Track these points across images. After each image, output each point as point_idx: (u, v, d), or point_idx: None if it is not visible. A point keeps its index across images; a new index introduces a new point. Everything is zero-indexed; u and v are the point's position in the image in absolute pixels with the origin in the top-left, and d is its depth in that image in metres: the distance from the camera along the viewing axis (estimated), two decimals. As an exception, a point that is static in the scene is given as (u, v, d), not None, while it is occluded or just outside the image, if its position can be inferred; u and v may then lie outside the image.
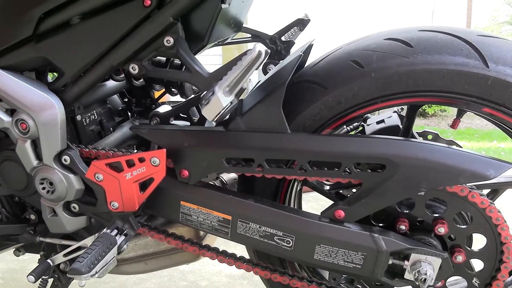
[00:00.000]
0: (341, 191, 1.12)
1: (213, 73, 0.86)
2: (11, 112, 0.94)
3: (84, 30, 0.91)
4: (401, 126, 1.12)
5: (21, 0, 0.91)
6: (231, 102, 0.82)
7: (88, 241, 1.01)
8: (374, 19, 6.96)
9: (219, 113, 0.82)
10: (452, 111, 7.41)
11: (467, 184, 0.86)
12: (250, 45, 0.96)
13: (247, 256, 1.04)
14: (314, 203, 2.62)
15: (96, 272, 0.86)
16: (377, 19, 6.94)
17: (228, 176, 1.23)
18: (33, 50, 0.93)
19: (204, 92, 0.86)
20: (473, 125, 6.88)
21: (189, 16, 0.92)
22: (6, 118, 0.94)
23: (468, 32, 0.87)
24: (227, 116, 0.88)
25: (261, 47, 0.79)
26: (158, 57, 1.28)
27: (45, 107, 0.92)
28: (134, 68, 0.92)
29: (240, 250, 1.07)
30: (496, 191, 1.10)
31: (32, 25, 0.91)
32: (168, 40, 0.88)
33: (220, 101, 0.81)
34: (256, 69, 0.82)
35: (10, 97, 0.92)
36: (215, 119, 0.83)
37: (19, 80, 0.93)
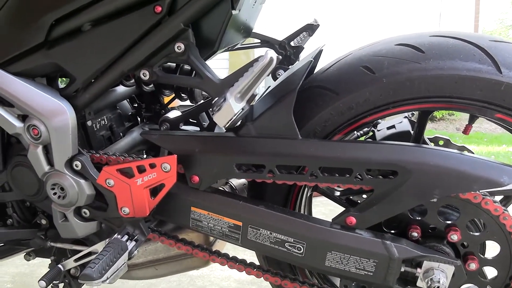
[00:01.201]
0: (351, 197, 1.11)
1: (224, 79, 0.86)
2: (23, 118, 0.95)
3: (95, 36, 0.92)
4: (412, 132, 1.11)
5: (33, 7, 0.91)
6: (242, 109, 0.82)
7: (98, 247, 1.01)
8: (381, 23, 6.94)
9: (231, 119, 0.82)
10: (461, 115, 7.36)
11: (480, 191, 0.85)
12: (257, 51, 0.96)
13: (257, 262, 1.03)
14: (323, 207, 2.61)
15: (108, 278, 0.86)
16: (384, 23, 6.92)
17: (238, 182, 1.23)
18: (44, 56, 0.94)
19: (216, 99, 0.86)
20: (482, 129, 6.83)
21: (200, 22, 0.92)
22: (18, 124, 0.94)
23: (480, 37, 0.87)
24: (238, 122, 0.88)
25: (272, 54, 0.79)
26: (168, 63, 1.29)
27: (56, 113, 0.92)
28: (145, 74, 0.92)
29: (249, 255, 1.06)
30: (509, 197, 1.09)
31: (44, 32, 0.92)
32: (179, 46, 0.89)
33: (231, 108, 0.81)
34: (268, 75, 0.82)
35: (22, 103, 0.93)
36: (226, 126, 0.83)
37: (31, 86, 0.94)
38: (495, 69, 0.82)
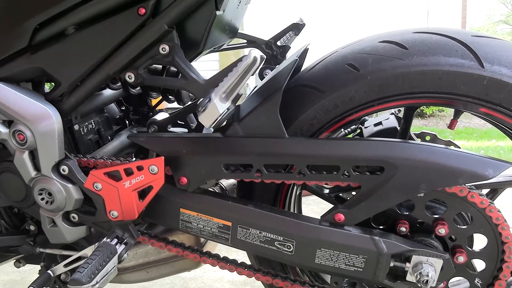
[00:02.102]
0: (340, 194, 1.12)
1: (209, 79, 0.86)
2: (8, 123, 0.94)
3: (80, 40, 0.92)
4: (398, 128, 1.12)
5: (16, 11, 0.91)
6: (227, 109, 0.82)
7: (88, 251, 1.00)
8: (369, 21, 6.98)
9: (216, 119, 0.82)
10: (451, 111, 7.42)
11: (466, 185, 0.86)
12: (245, 51, 0.97)
13: (248, 262, 1.03)
14: (315, 206, 2.62)
15: (97, 282, 0.86)
16: (372, 21, 6.96)
17: (227, 182, 1.23)
18: (29, 61, 0.94)
19: (201, 99, 0.86)
20: (472, 124, 6.89)
21: (184, 24, 0.92)
22: (4, 130, 0.94)
23: (462, 33, 0.88)
24: (224, 123, 0.88)
25: (256, 53, 0.79)
26: (154, 65, 1.29)
27: (42, 117, 0.92)
28: (130, 77, 0.92)
29: (241, 256, 1.06)
30: (495, 190, 1.10)
31: (28, 36, 0.91)
32: (164, 48, 0.88)
33: (216, 108, 0.81)
34: (252, 75, 0.82)
35: (7, 108, 0.92)
36: (212, 126, 0.83)
37: (16, 92, 0.93)
38: (477, 64, 0.83)
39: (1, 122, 0.94)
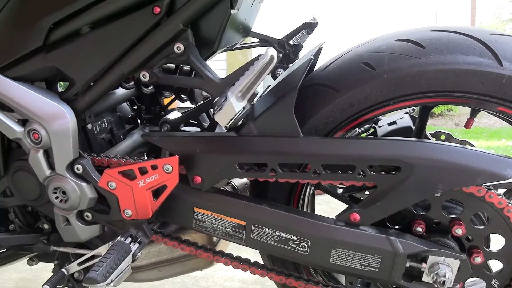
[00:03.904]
0: (354, 194, 1.11)
1: (225, 78, 0.86)
2: (23, 122, 0.94)
3: (94, 39, 0.92)
4: (413, 127, 1.11)
5: (31, 11, 0.91)
6: (244, 108, 0.82)
7: (102, 250, 1.01)
8: (378, 20, 6.95)
9: (232, 118, 0.82)
10: (459, 110, 7.36)
11: (484, 184, 0.85)
12: (255, 51, 0.96)
13: (260, 261, 1.03)
14: (325, 205, 2.61)
15: (112, 281, 0.86)
16: (382, 20, 6.92)
17: (239, 181, 1.23)
18: (43, 60, 0.94)
19: (217, 98, 0.86)
20: (481, 124, 6.83)
21: (199, 22, 0.92)
22: (19, 129, 0.94)
23: (480, 31, 0.87)
24: (240, 122, 0.87)
25: (273, 52, 0.78)
26: (168, 64, 1.29)
27: (56, 116, 0.92)
28: (144, 76, 0.92)
29: (252, 254, 1.06)
30: (511, 190, 1.09)
31: (43, 36, 0.91)
32: (179, 47, 0.88)
33: (233, 107, 0.81)
34: (268, 74, 0.82)
35: (22, 107, 0.92)
36: (228, 125, 0.83)
37: (30, 90, 0.93)
38: (496, 62, 0.82)
39: (16, 121, 0.95)
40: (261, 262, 1.04)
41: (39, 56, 0.94)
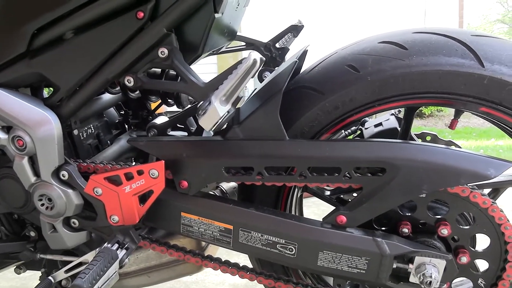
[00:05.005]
0: (342, 196, 1.11)
1: (209, 82, 0.86)
2: (7, 129, 0.93)
3: (78, 44, 0.91)
4: (399, 129, 1.12)
5: (14, 16, 0.90)
6: (228, 111, 0.82)
7: (89, 257, 1.00)
8: (366, 22, 6.99)
9: (217, 122, 0.81)
10: (449, 111, 7.43)
11: (468, 185, 0.86)
12: (244, 53, 0.97)
13: (250, 265, 1.03)
14: (315, 208, 2.62)
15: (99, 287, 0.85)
16: (369, 22, 6.97)
17: (228, 185, 1.23)
18: (27, 66, 0.93)
19: (201, 102, 0.86)
20: (471, 123, 6.89)
21: (183, 27, 0.92)
22: (3, 136, 0.93)
23: (462, 32, 0.87)
24: (225, 126, 0.87)
25: (256, 55, 0.78)
26: (153, 69, 1.28)
27: (41, 123, 0.91)
28: (129, 81, 0.92)
29: (243, 259, 1.06)
30: (497, 190, 1.10)
31: (26, 41, 0.91)
32: (163, 52, 0.88)
33: (217, 111, 0.80)
34: (252, 77, 0.82)
35: (6, 114, 0.91)
36: (212, 129, 0.83)
37: (14, 97, 0.93)
38: (477, 63, 0.83)
39: (0, 128, 0.94)
40: (250, 266, 1.04)
41: (22, 62, 0.93)
